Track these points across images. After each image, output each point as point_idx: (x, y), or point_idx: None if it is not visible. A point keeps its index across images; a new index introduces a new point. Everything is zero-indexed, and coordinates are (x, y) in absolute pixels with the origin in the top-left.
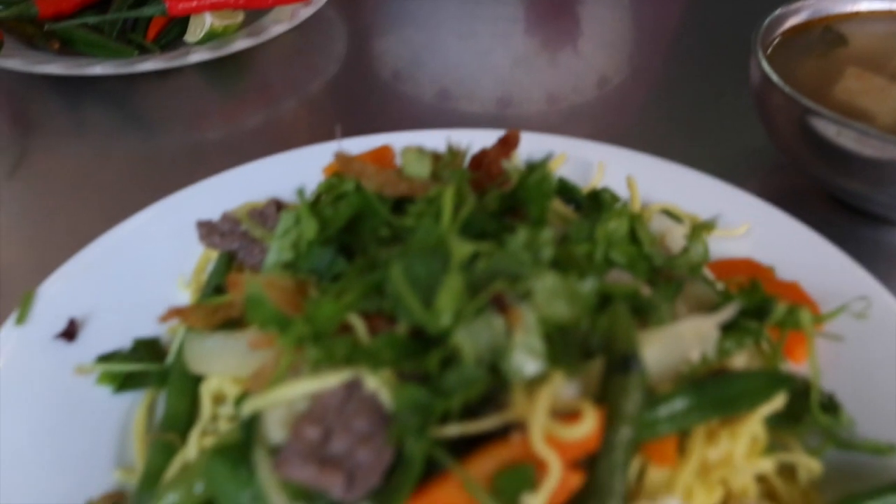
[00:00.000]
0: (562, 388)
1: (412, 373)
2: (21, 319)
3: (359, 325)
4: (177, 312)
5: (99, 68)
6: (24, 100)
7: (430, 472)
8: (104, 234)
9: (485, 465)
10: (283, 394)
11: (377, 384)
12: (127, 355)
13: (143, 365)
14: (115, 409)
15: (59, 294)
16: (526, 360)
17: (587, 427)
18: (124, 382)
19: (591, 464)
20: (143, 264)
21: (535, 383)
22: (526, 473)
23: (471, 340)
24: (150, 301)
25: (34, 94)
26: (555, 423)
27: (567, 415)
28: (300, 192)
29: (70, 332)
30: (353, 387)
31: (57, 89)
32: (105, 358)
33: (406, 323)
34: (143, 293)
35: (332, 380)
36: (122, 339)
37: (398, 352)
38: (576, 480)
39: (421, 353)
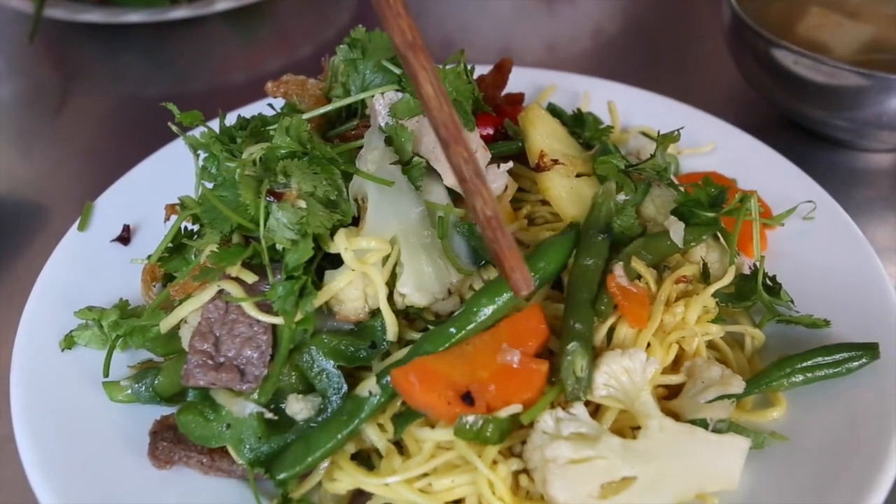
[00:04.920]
0: None
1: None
2: (83, 226)
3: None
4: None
5: (134, 16)
6: (66, 47)
7: None
8: (148, 157)
9: None
10: (170, 319)
11: (237, 290)
12: None
13: None
14: None
15: (113, 206)
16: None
17: None
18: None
19: None
20: (184, 180)
21: None
22: None
23: (278, 232)
24: None
25: (76, 43)
26: None
27: None
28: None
29: (125, 237)
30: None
31: (96, 38)
32: None
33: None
34: None
35: (204, 295)
36: None
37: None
38: None
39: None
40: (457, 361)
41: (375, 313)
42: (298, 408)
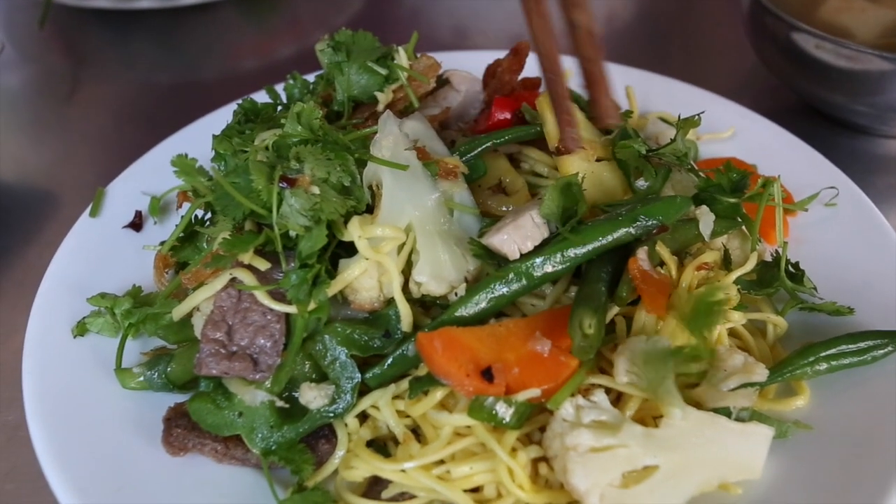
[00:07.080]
0: None
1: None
2: (94, 213)
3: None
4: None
5: (145, 2)
6: (77, 34)
7: None
8: (160, 143)
9: None
10: (183, 307)
11: (250, 278)
12: None
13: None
14: None
15: (125, 192)
16: None
17: None
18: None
19: None
20: None
21: None
22: None
23: (291, 218)
24: None
25: (87, 29)
26: None
27: None
28: None
29: (137, 223)
30: (241, 291)
31: (107, 24)
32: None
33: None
34: None
35: (217, 284)
36: None
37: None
38: None
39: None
40: (486, 338)
41: (390, 302)
42: (312, 396)
